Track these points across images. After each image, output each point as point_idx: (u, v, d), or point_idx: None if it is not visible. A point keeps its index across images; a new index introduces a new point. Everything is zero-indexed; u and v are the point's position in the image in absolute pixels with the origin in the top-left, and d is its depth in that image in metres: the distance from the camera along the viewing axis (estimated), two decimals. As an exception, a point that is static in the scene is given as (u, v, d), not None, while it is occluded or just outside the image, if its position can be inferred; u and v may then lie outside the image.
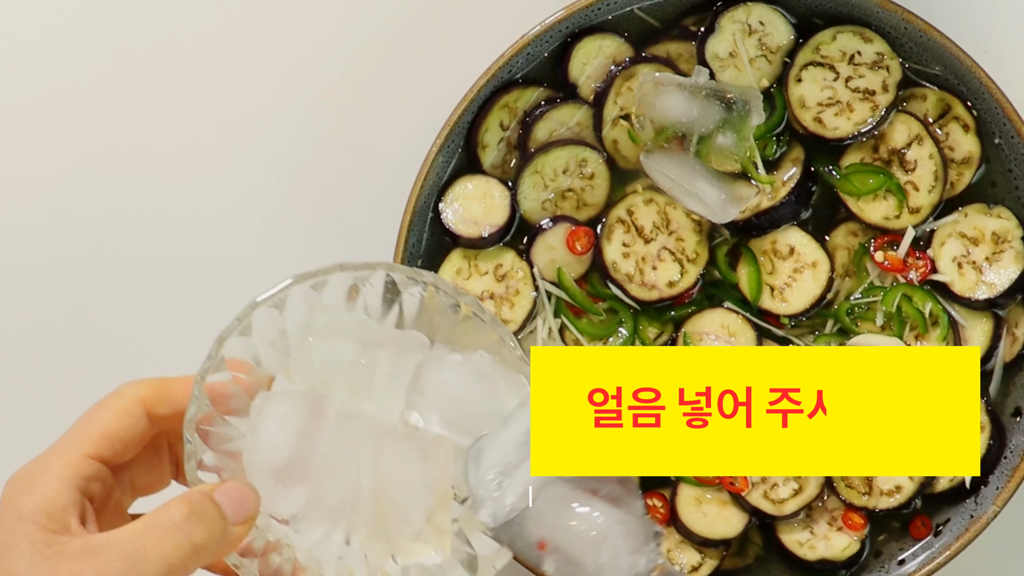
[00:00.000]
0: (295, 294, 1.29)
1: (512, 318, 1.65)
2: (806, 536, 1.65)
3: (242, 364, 1.28)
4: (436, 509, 1.26)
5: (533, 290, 1.66)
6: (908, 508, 1.64)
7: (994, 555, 1.73)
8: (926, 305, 1.64)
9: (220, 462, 1.27)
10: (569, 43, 1.64)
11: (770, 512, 1.63)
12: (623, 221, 1.65)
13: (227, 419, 1.27)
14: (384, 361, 1.28)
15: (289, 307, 1.29)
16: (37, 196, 1.75)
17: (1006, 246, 1.64)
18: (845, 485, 1.64)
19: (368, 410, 1.28)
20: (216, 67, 1.75)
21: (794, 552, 1.65)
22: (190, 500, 1.20)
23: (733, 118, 1.62)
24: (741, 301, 1.66)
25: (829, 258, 1.65)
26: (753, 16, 1.65)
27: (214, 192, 1.75)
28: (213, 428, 1.27)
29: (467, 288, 1.65)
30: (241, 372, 1.28)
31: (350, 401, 1.28)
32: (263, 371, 1.29)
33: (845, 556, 1.65)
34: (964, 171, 1.65)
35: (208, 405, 1.26)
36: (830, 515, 1.66)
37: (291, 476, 1.25)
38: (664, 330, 1.66)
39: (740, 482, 1.64)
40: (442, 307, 1.31)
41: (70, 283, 1.75)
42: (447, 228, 1.64)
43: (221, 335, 1.27)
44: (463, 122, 1.63)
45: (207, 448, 1.26)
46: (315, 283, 1.30)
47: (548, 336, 1.66)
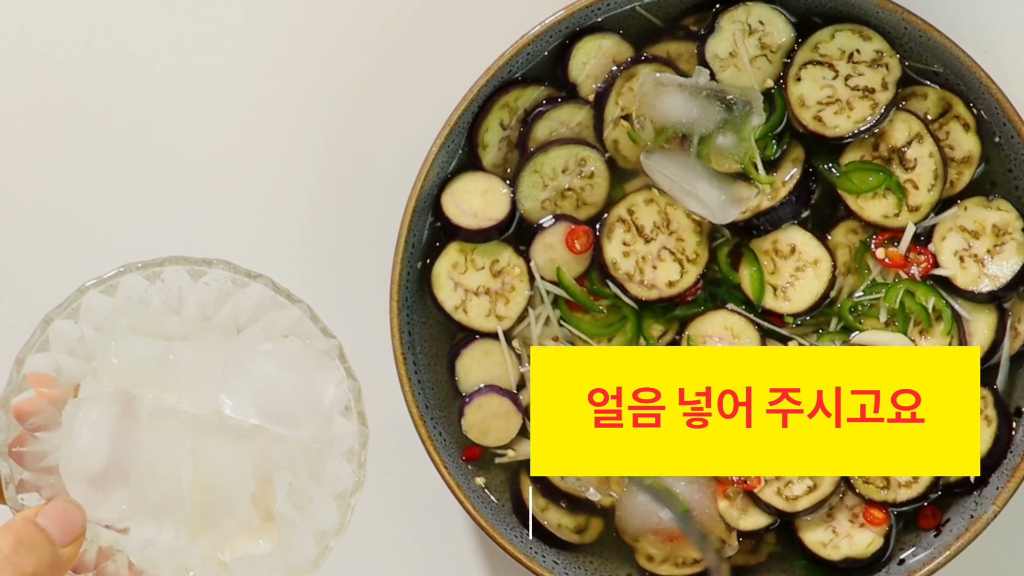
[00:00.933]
0: (87, 301, 1.28)
1: (507, 314, 1.65)
2: (829, 536, 1.65)
3: (44, 378, 1.27)
4: (260, 497, 1.24)
5: (528, 288, 1.66)
6: (926, 500, 1.64)
7: (994, 555, 1.73)
8: (929, 300, 1.64)
9: (39, 480, 1.25)
10: (568, 43, 1.64)
11: (784, 509, 1.63)
12: (624, 220, 1.65)
13: (38, 436, 1.26)
14: (191, 354, 1.27)
15: (83, 314, 1.27)
16: (38, 186, 1.75)
17: (1007, 238, 1.63)
18: (863, 481, 1.64)
19: (181, 405, 1.27)
20: (217, 68, 1.75)
21: (818, 553, 1.64)
22: (15, 531, 1.18)
23: (734, 118, 1.62)
24: (744, 301, 1.65)
25: (831, 255, 1.65)
26: (753, 16, 1.64)
27: (225, 184, 1.75)
28: (26, 448, 1.25)
29: (462, 282, 1.65)
30: (44, 386, 1.27)
31: (162, 398, 1.27)
32: (66, 380, 1.28)
33: (870, 552, 1.64)
34: (964, 170, 1.65)
35: (17, 426, 1.25)
36: (851, 512, 1.65)
37: (110, 481, 1.24)
38: (669, 328, 1.66)
39: (752, 480, 1.63)
40: (255, 295, 1.30)
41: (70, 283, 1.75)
42: (447, 219, 1.64)
43: (19, 356, 1.26)
44: (463, 121, 1.63)
45: (23, 469, 1.25)
46: (105, 287, 1.29)
47: (542, 330, 1.66)
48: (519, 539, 1.64)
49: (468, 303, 1.65)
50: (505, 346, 1.65)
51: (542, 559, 1.64)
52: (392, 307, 1.61)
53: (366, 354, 1.73)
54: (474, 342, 1.66)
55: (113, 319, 1.28)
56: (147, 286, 1.29)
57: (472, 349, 1.66)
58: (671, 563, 1.66)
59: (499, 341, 1.65)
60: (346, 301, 1.74)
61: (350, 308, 1.74)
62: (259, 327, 1.30)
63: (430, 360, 1.66)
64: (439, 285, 1.65)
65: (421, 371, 1.64)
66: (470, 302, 1.65)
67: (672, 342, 1.66)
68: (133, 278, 1.28)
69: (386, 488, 1.74)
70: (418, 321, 1.65)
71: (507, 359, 1.65)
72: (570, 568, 1.65)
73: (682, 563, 1.66)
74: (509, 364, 1.66)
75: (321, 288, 1.74)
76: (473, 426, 1.65)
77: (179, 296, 1.30)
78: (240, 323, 1.31)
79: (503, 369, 1.66)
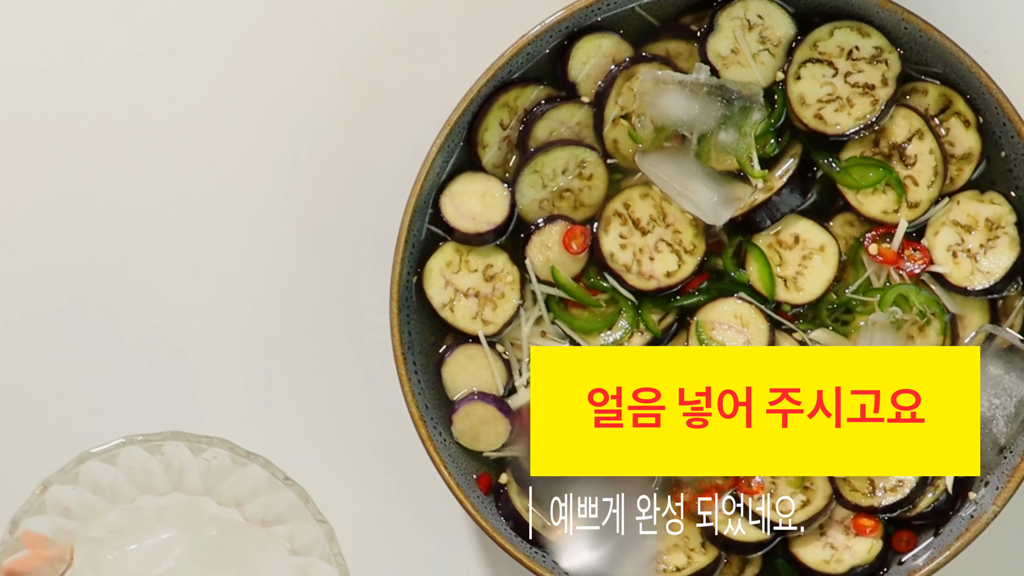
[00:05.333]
0: (87, 468, 1.32)
1: (493, 320, 1.65)
2: (828, 553, 1.65)
3: (39, 538, 1.30)
4: None
5: (519, 298, 1.65)
6: (912, 504, 1.64)
7: (994, 555, 1.73)
8: (923, 303, 1.64)
9: None
10: (568, 43, 1.64)
11: (779, 523, 1.63)
12: (620, 214, 1.65)
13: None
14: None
15: (83, 479, 1.32)
16: (41, 185, 1.76)
17: (1000, 232, 1.63)
18: (850, 489, 1.64)
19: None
20: (217, 68, 1.74)
21: (822, 571, 1.65)
22: None
23: (735, 114, 1.61)
24: (755, 297, 1.65)
25: (835, 240, 1.65)
26: (751, 11, 1.64)
27: (222, 187, 1.75)
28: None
29: (453, 281, 1.65)
30: (39, 547, 1.30)
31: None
32: (62, 541, 1.31)
33: (874, 556, 1.64)
34: (964, 167, 1.65)
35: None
36: (842, 525, 1.65)
37: None
38: (669, 311, 1.65)
39: (755, 485, 1.64)
40: (253, 476, 1.35)
41: (68, 281, 1.75)
42: (444, 221, 1.64)
43: (14, 518, 1.30)
44: (463, 121, 1.63)
45: None
46: (107, 456, 1.33)
47: (531, 329, 1.66)
48: (519, 539, 1.64)
49: (456, 303, 1.65)
50: (488, 351, 1.65)
51: (542, 559, 1.64)
52: (392, 307, 1.61)
53: (366, 354, 1.73)
54: (458, 348, 1.65)
55: (115, 487, 1.31)
56: (147, 457, 1.32)
57: (456, 355, 1.65)
58: (651, 568, 1.66)
59: (482, 346, 1.65)
60: (346, 301, 1.74)
61: (350, 308, 1.74)
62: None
63: (430, 360, 1.66)
64: (430, 281, 1.65)
65: (421, 371, 1.64)
66: (458, 302, 1.65)
67: (674, 324, 1.65)
68: (134, 450, 1.32)
69: (386, 488, 1.74)
70: (418, 321, 1.65)
71: (491, 364, 1.65)
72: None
73: (664, 570, 1.66)
74: (494, 368, 1.65)
75: (321, 288, 1.74)
76: (463, 433, 1.65)
77: (180, 469, 1.33)
78: (239, 500, 1.35)
79: (490, 373, 1.66)
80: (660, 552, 1.66)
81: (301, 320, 1.75)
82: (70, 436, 1.62)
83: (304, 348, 1.75)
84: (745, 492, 1.64)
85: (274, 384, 1.75)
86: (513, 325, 1.66)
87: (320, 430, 1.75)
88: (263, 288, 1.75)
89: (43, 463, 1.36)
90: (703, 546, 1.66)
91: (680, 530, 1.65)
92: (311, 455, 1.73)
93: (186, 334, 1.75)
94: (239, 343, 1.75)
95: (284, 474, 1.33)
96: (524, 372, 1.65)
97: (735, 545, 1.65)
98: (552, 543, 1.64)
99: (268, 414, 1.75)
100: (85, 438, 1.39)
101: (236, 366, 1.75)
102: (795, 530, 1.64)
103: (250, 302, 1.75)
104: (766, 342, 1.63)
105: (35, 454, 1.61)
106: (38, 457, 1.41)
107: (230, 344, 1.75)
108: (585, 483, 1.61)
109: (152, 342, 1.75)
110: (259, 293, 1.75)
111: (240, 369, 1.75)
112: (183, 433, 1.34)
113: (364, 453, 1.75)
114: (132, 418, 1.75)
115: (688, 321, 1.65)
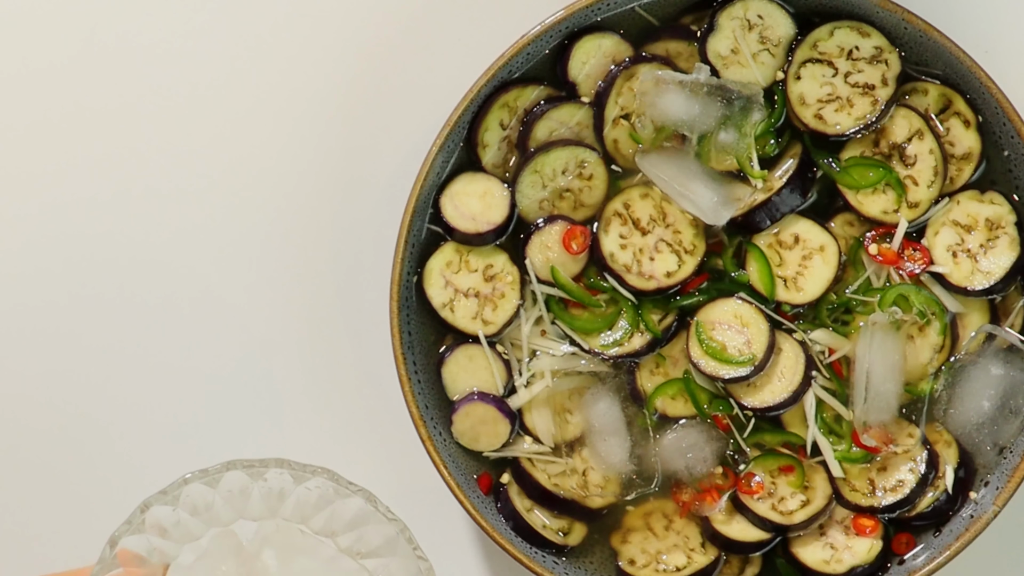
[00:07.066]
0: (188, 490, 1.34)
1: (493, 320, 1.65)
2: (828, 553, 1.65)
3: (134, 556, 1.32)
4: None
5: (519, 298, 1.65)
6: (912, 504, 1.64)
7: (994, 555, 1.73)
8: (923, 303, 1.63)
9: None
10: (568, 43, 1.64)
11: (780, 522, 1.63)
12: (620, 215, 1.65)
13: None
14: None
15: (183, 501, 1.34)
16: (36, 194, 1.76)
17: (1000, 232, 1.63)
18: (849, 489, 1.64)
19: None
20: (217, 68, 1.75)
21: (823, 572, 1.64)
22: None
23: (735, 114, 1.61)
24: (755, 297, 1.65)
25: (835, 240, 1.65)
26: (751, 11, 1.64)
27: (224, 189, 1.75)
28: None
29: (453, 281, 1.65)
30: (133, 566, 1.32)
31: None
32: (157, 560, 1.33)
33: (874, 556, 1.64)
34: (964, 167, 1.65)
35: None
36: (842, 526, 1.65)
37: None
38: (669, 311, 1.65)
39: (756, 485, 1.64)
40: (353, 507, 1.38)
41: (67, 282, 1.75)
42: (444, 221, 1.64)
43: (113, 536, 1.32)
44: (463, 121, 1.63)
45: None
46: (208, 480, 1.36)
47: (531, 329, 1.66)
48: (519, 539, 1.64)
49: (456, 303, 1.65)
50: (488, 351, 1.65)
51: (542, 559, 1.64)
52: (392, 307, 1.61)
53: (366, 354, 1.73)
54: (458, 348, 1.65)
55: (212, 510, 1.34)
56: (248, 482, 1.35)
57: (456, 355, 1.65)
58: (652, 568, 1.66)
59: (482, 346, 1.65)
60: (346, 301, 1.74)
61: (350, 308, 1.74)
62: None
63: (430, 360, 1.66)
64: (430, 281, 1.65)
65: (421, 371, 1.64)
66: (458, 302, 1.65)
67: (672, 328, 1.65)
68: (236, 474, 1.35)
69: (386, 488, 1.74)
70: (418, 321, 1.65)
71: (492, 364, 1.65)
72: (570, 568, 1.66)
73: (663, 570, 1.66)
74: (494, 368, 1.65)
75: (321, 288, 1.74)
76: (463, 433, 1.65)
77: (280, 496, 1.36)
78: (334, 530, 1.37)
79: (490, 373, 1.65)
80: (660, 552, 1.66)
81: (301, 320, 1.75)
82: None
83: (304, 348, 1.75)
84: (745, 492, 1.64)
85: (274, 384, 1.75)
86: (513, 325, 1.66)
87: (320, 430, 1.75)
88: (263, 288, 1.75)
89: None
90: (703, 546, 1.66)
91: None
92: (311, 455, 1.73)
93: (186, 334, 1.75)
94: (238, 343, 1.75)
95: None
96: (524, 372, 1.66)
97: (735, 545, 1.65)
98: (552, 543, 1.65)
99: (268, 414, 1.75)
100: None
101: (236, 366, 1.75)
102: (796, 528, 1.64)
103: (249, 302, 1.75)
104: (766, 342, 1.63)
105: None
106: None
107: (229, 344, 1.75)
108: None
109: (152, 342, 1.75)
110: (259, 293, 1.75)
111: (240, 369, 1.75)
112: (287, 460, 1.36)
113: (364, 453, 1.75)
114: (132, 418, 1.75)
115: (688, 321, 1.65)
